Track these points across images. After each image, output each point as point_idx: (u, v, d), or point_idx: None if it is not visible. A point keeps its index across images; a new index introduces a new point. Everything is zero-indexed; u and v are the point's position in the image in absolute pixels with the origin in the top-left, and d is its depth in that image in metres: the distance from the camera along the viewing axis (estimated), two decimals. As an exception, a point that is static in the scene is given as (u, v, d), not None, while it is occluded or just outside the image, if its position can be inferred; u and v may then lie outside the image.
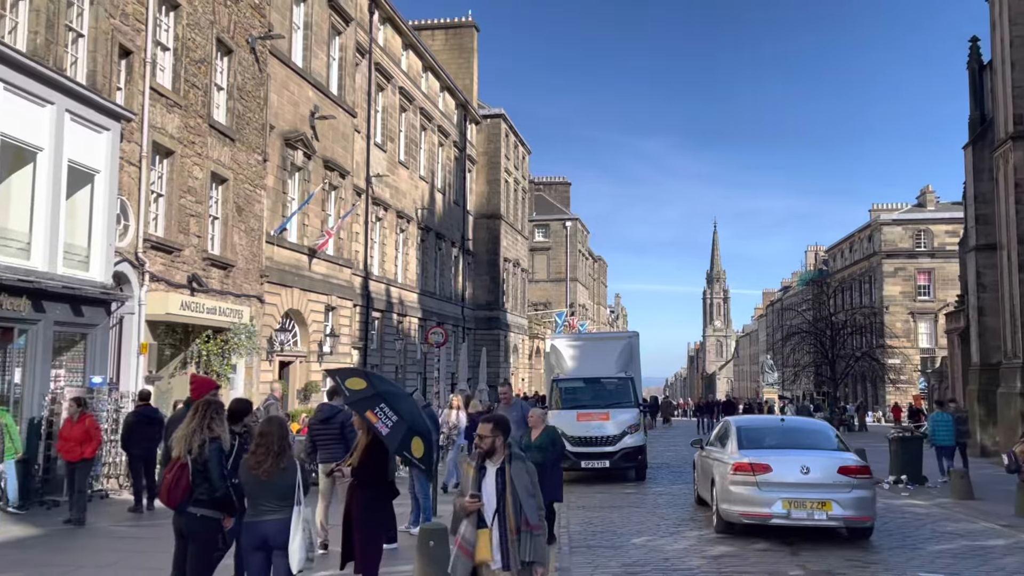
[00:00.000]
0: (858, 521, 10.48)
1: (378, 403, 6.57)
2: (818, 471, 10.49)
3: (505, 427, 5.39)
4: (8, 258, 12.48)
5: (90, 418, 11.95)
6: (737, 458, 10.92)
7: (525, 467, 5.32)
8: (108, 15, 15.10)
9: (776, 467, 10.56)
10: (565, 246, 67.25)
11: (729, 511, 10.81)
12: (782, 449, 11.18)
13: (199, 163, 18.23)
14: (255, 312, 20.34)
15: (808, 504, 10.34)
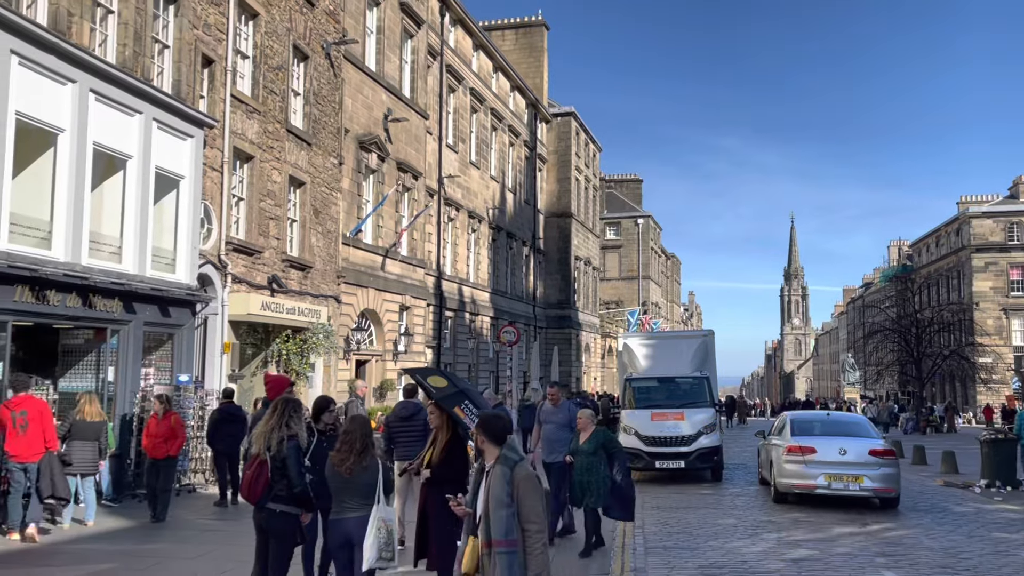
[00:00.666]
0: (884, 492, 13.15)
1: (463, 399, 6.73)
2: (853, 453, 13.18)
3: (489, 428, 4.79)
4: (102, 262, 13.07)
5: (175, 416, 12.05)
6: (790, 442, 13.72)
7: (513, 474, 4.62)
8: (191, 26, 15.65)
9: (820, 449, 13.30)
10: (637, 244, 66.59)
11: (783, 483, 13.64)
12: (825, 436, 13.95)
13: (278, 167, 18.74)
14: (332, 312, 20.79)
15: (844, 478, 13.03)
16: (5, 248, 11.07)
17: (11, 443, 10.01)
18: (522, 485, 4.57)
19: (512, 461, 4.66)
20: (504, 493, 4.54)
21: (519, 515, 4.53)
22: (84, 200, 12.63)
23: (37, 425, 10.06)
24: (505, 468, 4.64)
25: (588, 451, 9.76)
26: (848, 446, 13.32)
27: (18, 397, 10.10)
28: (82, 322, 13.00)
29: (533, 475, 4.63)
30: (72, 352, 13.74)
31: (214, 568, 8.93)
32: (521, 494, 4.55)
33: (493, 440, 4.75)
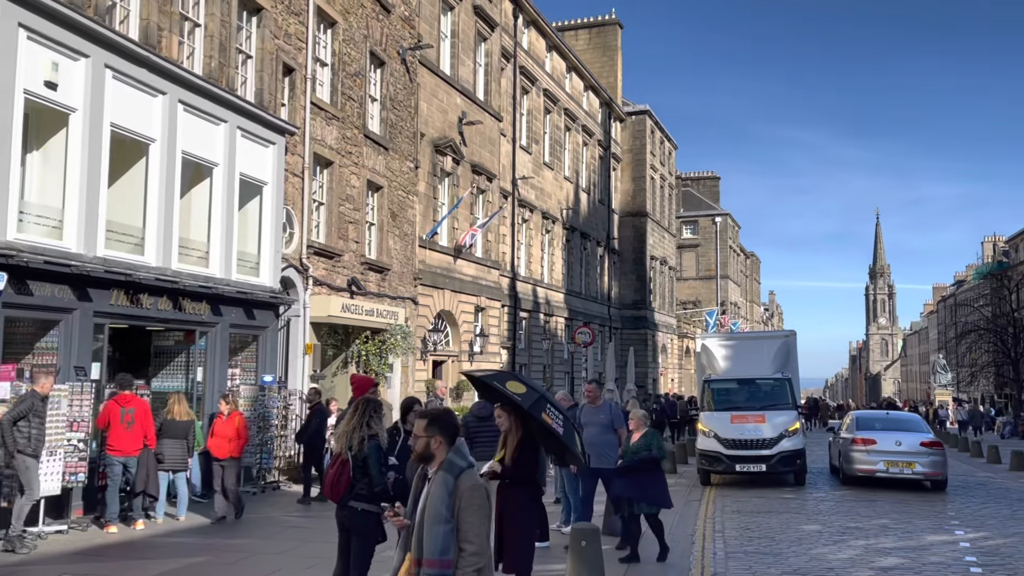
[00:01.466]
0: (933, 476, 15.85)
1: (546, 405, 6.73)
2: (907, 443, 16.01)
3: (445, 425, 4.21)
4: (190, 266, 13.57)
5: (240, 416, 11.94)
6: (855, 435, 16.56)
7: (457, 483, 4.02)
8: (273, 36, 16.11)
9: (879, 441, 16.16)
10: (715, 242, 65.42)
11: (849, 469, 16.45)
12: (884, 431, 16.65)
13: (356, 172, 19.12)
14: (409, 313, 21.10)
15: (900, 464, 15.83)
16: (102, 254, 11.60)
17: (115, 438, 10.53)
18: (465, 497, 3.97)
19: (458, 468, 4.03)
20: (443, 505, 3.95)
21: (457, 532, 3.95)
22: (174, 207, 13.14)
23: (140, 423, 10.61)
24: (448, 476, 4.02)
25: (636, 452, 9.51)
26: (903, 438, 16.18)
27: (126, 395, 10.63)
28: (172, 324, 13.53)
29: (480, 487, 4.02)
30: (163, 353, 14.31)
31: (298, 564, 9.16)
32: (463, 507, 3.95)
33: (449, 440, 4.16)
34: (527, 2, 31.08)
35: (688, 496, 15.15)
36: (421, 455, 4.20)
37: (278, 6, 16.31)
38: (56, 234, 11.15)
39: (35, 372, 10.05)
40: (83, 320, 11.26)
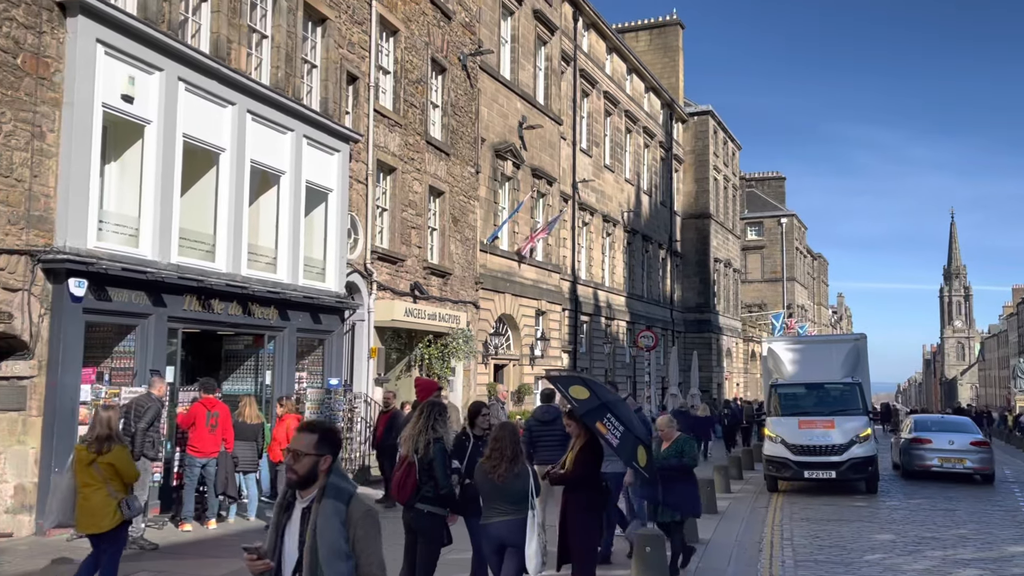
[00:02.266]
0: (982, 470, 18.07)
1: (605, 413, 6.67)
2: (959, 442, 18.20)
3: (335, 443, 3.60)
4: (259, 272, 13.91)
5: (291, 419, 11.74)
6: (913, 436, 18.98)
7: (349, 511, 3.45)
8: (337, 45, 16.42)
9: (934, 440, 18.46)
10: (780, 244, 64.10)
11: (909, 465, 18.56)
12: (939, 432, 18.92)
13: (418, 178, 19.34)
14: (471, 317, 21.22)
15: (952, 460, 18.00)
16: (175, 261, 11.98)
17: (198, 439, 10.85)
18: (361, 525, 3.45)
19: (347, 493, 3.48)
20: (341, 538, 3.39)
21: (358, 568, 3.44)
22: (243, 214, 13.49)
23: (222, 426, 10.98)
24: (337, 503, 3.43)
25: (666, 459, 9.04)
26: (955, 438, 18.41)
27: (211, 398, 10.96)
28: (242, 328, 13.88)
29: (374, 512, 3.53)
30: (233, 357, 14.69)
31: (364, 564, 9.26)
32: (360, 537, 3.43)
33: (334, 460, 3.55)
34: (587, 5, 31.01)
35: (754, 503, 14.86)
36: (304, 478, 3.48)
37: (342, 16, 16.62)
38: (132, 242, 11.55)
39: (151, 377, 10.51)
40: (158, 325, 11.65)
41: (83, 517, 6.84)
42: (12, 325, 9.85)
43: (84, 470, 6.83)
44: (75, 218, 10.44)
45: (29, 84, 10.13)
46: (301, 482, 3.51)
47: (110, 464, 6.84)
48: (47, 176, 10.35)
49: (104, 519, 6.77)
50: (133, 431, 9.62)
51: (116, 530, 6.85)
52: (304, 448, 3.50)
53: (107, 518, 6.77)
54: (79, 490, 6.83)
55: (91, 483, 6.80)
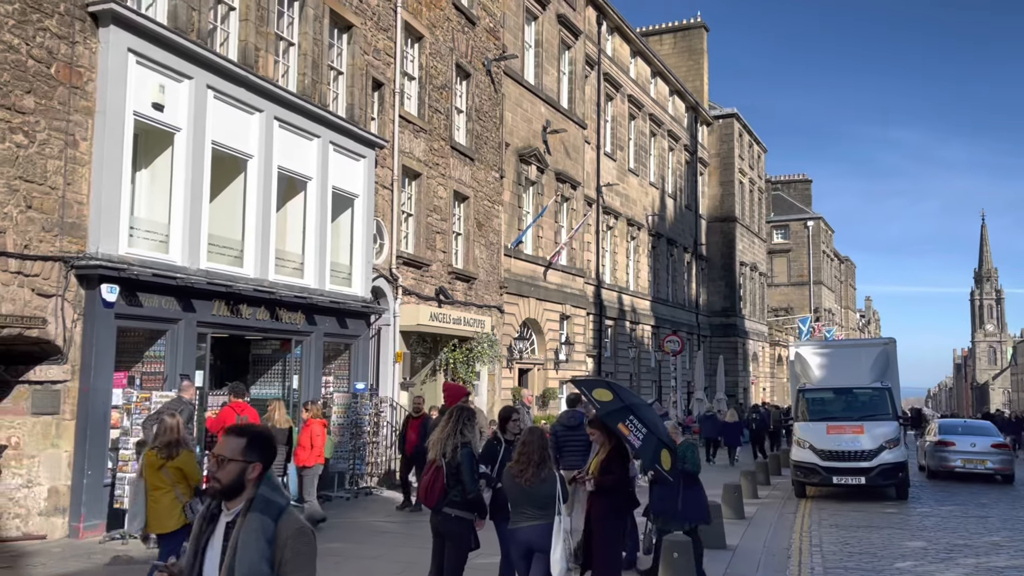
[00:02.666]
0: (1002, 470, 19.07)
1: (628, 415, 6.66)
2: (980, 445, 19.30)
3: (268, 450, 3.17)
4: (286, 277, 14.04)
5: (315, 424, 11.87)
6: (938, 439, 20.12)
7: (277, 528, 3.02)
8: (363, 52, 16.55)
9: (957, 443, 19.55)
10: (807, 247, 63.51)
11: (934, 465, 19.68)
12: (962, 435, 20.14)
13: (443, 183, 19.42)
14: (495, 322, 21.25)
15: (974, 461, 19.09)
16: (205, 267, 12.13)
17: None
18: (291, 545, 3.01)
19: (277, 507, 3.06)
20: (263, 559, 2.95)
21: None
22: (271, 220, 13.63)
23: None
24: (265, 518, 3.01)
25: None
26: (977, 441, 19.52)
27: (240, 403, 11.08)
28: (270, 333, 14.02)
29: (308, 530, 3.11)
30: (261, 361, 14.83)
31: (392, 569, 9.32)
32: (289, 559, 2.99)
33: (266, 468, 3.14)
34: (611, 9, 30.98)
35: (783, 508, 14.72)
36: (227, 487, 3.07)
37: (367, 23, 16.75)
38: (162, 248, 11.71)
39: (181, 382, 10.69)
40: (187, 330, 11.80)
41: (152, 518, 7.21)
42: (46, 330, 10.02)
43: (154, 474, 7.16)
44: (107, 225, 10.61)
45: (62, 93, 10.32)
46: (224, 491, 3.10)
47: (178, 468, 7.15)
48: (80, 184, 10.53)
49: (170, 520, 7.10)
50: None
51: (179, 531, 7.12)
52: (230, 453, 3.10)
53: (173, 519, 7.10)
54: (149, 493, 7.19)
55: (160, 486, 7.13)
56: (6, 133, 9.64)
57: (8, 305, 9.58)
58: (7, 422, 10.33)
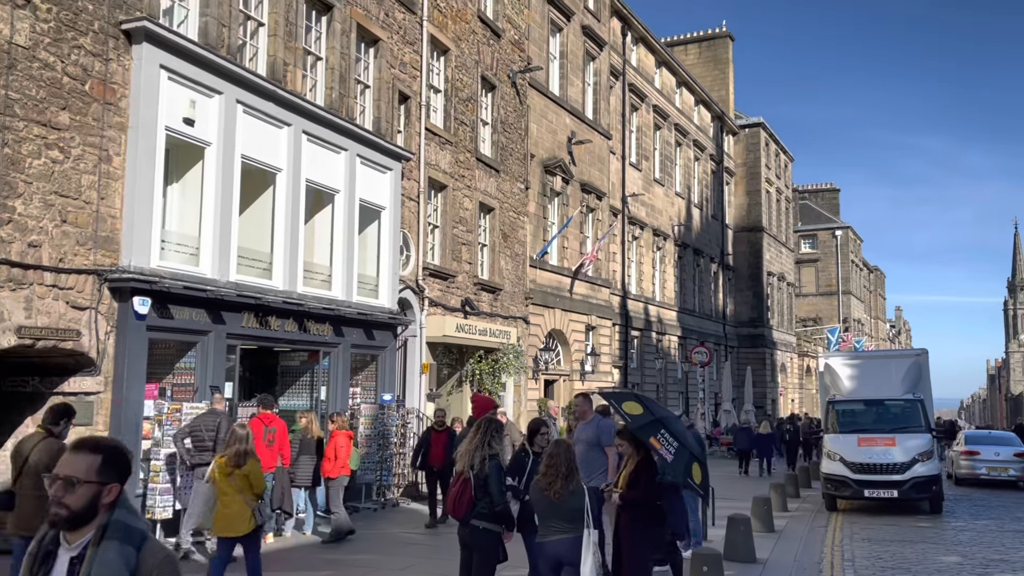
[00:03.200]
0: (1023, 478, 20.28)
1: (659, 429, 6.63)
2: (1004, 454, 20.68)
3: (123, 468, 2.68)
4: (315, 289, 14.15)
5: (340, 435, 11.85)
6: (963, 448, 21.51)
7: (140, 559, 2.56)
8: (389, 66, 16.69)
9: (981, 452, 20.90)
10: (835, 257, 62.86)
11: (960, 474, 21.05)
12: (987, 445, 21.45)
13: (469, 195, 19.49)
14: (521, 333, 21.24)
15: (997, 469, 20.41)
16: (234, 279, 12.26)
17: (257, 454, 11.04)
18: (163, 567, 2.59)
19: (139, 534, 2.61)
20: None
21: None
22: (299, 233, 13.76)
23: (279, 441, 11.15)
24: (126, 547, 2.55)
25: None
26: (1000, 450, 20.84)
27: (268, 414, 11.18)
28: (298, 345, 14.12)
29: (173, 558, 2.69)
30: (289, 373, 14.94)
31: (419, 580, 9.31)
32: None
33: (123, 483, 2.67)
34: (635, 20, 31.00)
35: (813, 522, 14.53)
36: (76, 515, 2.56)
37: (394, 37, 16.90)
38: (193, 261, 11.86)
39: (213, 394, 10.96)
40: (217, 342, 11.92)
41: (222, 523, 7.60)
42: (80, 342, 10.18)
43: (223, 480, 7.57)
44: (139, 238, 10.77)
45: (96, 109, 10.52)
46: (72, 519, 2.56)
47: (245, 476, 7.55)
48: (113, 198, 10.70)
49: (241, 525, 7.53)
50: (211, 447, 9.92)
51: (253, 533, 7.65)
52: (83, 473, 2.56)
53: (243, 524, 7.53)
54: (218, 498, 7.62)
55: (229, 492, 7.54)
56: (42, 149, 9.84)
57: (43, 318, 9.76)
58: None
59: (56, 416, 7.00)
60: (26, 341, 9.54)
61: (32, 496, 6.50)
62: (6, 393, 10.55)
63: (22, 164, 9.59)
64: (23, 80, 9.62)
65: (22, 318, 9.50)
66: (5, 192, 9.39)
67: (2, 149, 9.36)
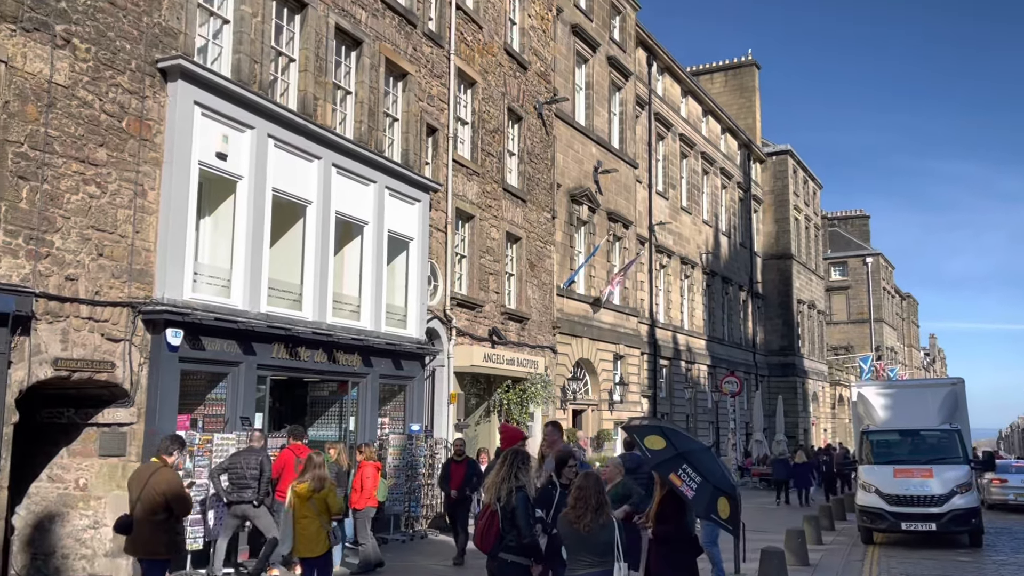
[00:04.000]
0: None
1: (680, 464, 6.51)
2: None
3: None
4: (344, 320, 14.25)
5: (368, 466, 11.86)
6: (994, 476, 23.19)
7: None
8: (417, 99, 16.92)
9: (1010, 480, 23.21)
10: (866, 284, 62.07)
11: (990, 499, 22.58)
12: (1016, 472, 23.65)
13: (495, 225, 19.59)
14: (548, 362, 21.18)
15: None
16: (265, 310, 12.39)
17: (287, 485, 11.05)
18: None
19: None
20: None
21: None
22: (328, 264, 13.90)
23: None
24: None
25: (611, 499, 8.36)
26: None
27: (299, 445, 11.23)
28: (327, 376, 14.20)
29: None
30: (318, 403, 15.01)
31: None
32: None
33: None
34: (661, 49, 31.17)
35: (848, 555, 14.22)
36: None
37: (421, 70, 17.14)
38: (225, 292, 12.01)
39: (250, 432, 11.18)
40: (248, 373, 12.03)
41: (301, 544, 8.06)
42: (114, 374, 10.33)
43: (303, 505, 8.00)
44: (172, 271, 10.95)
45: (133, 145, 10.76)
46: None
47: (323, 500, 8.04)
48: (148, 231, 10.91)
49: (318, 545, 8.03)
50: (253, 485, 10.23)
51: (327, 554, 8.19)
52: None
53: (320, 544, 8.04)
54: (297, 521, 8.04)
55: (308, 515, 8.00)
56: (80, 185, 10.08)
57: (79, 350, 9.92)
58: (76, 464, 10.63)
59: (170, 446, 7.85)
60: (62, 373, 9.70)
61: (148, 521, 7.34)
62: (42, 424, 10.72)
63: (61, 199, 9.83)
64: (62, 118, 9.90)
65: (58, 350, 9.68)
66: (44, 227, 9.62)
67: (42, 185, 9.61)
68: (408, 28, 16.74)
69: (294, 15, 13.97)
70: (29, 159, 9.50)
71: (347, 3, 14.95)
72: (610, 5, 26.48)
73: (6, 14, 9.28)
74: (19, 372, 9.21)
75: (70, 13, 10.00)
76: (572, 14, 24.03)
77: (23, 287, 9.23)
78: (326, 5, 14.36)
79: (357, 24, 15.18)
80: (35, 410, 10.36)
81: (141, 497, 7.43)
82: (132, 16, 10.80)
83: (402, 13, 16.47)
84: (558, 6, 23.15)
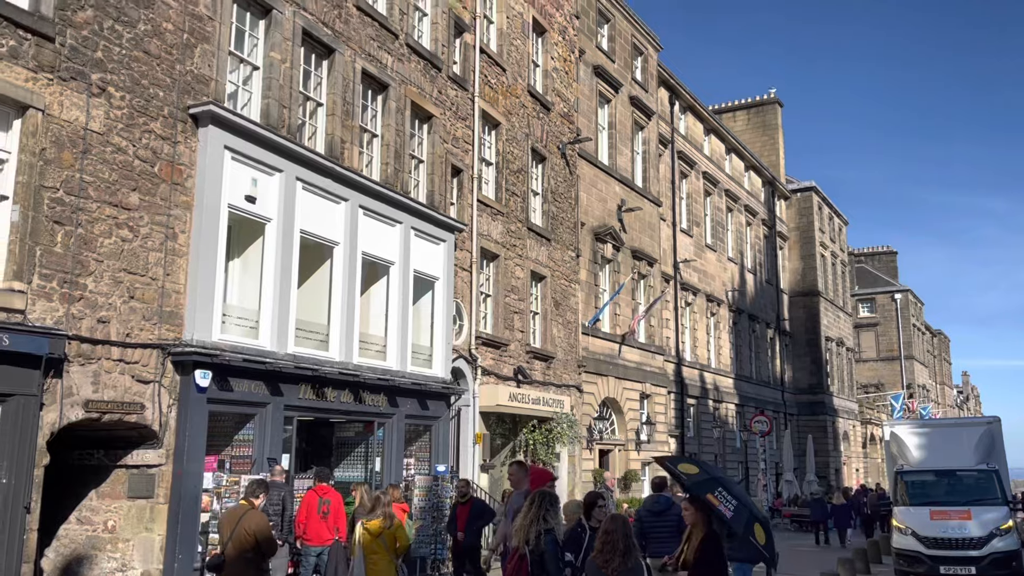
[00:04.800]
0: None
1: (716, 487, 6.47)
2: None
3: None
4: (369, 360, 14.29)
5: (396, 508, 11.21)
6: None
7: None
8: (442, 141, 17.13)
9: None
10: (895, 321, 61.25)
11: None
12: None
13: (520, 264, 19.65)
14: (574, 401, 21.04)
15: None
16: (292, 351, 12.47)
17: (312, 527, 11.04)
18: None
19: None
20: None
21: None
22: (355, 304, 13.98)
23: (334, 514, 11.12)
24: None
25: None
26: None
27: (324, 487, 11.21)
28: (353, 416, 14.20)
29: None
30: (345, 444, 14.99)
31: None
32: None
33: None
34: (683, 89, 31.38)
35: (886, 601, 13.82)
36: None
37: (446, 113, 17.38)
38: (253, 334, 12.11)
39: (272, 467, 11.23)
40: (275, 413, 12.07)
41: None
42: (144, 415, 10.41)
43: (372, 540, 8.16)
44: (202, 313, 11.07)
45: (164, 190, 10.98)
46: None
47: (393, 535, 8.22)
48: (178, 274, 11.07)
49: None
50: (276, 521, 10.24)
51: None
52: None
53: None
54: (367, 557, 8.17)
55: (377, 551, 8.14)
56: (113, 228, 10.27)
57: (110, 392, 10.02)
58: (105, 506, 10.68)
59: (256, 489, 8.21)
60: (93, 415, 9.79)
61: (239, 559, 7.68)
62: (73, 466, 10.80)
63: (94, 243, 10.02)
64: (97, 164, 10.13)
65: (90, 392, 9.78)
66: (78, 270, 9.79)
67: (76, 230, 9.80)
68: (433, 72, 17.02)
69: (322, 60, 14.26)
70: (64, 204, 9.71)
71: (373, 48, 15.25)
72: (632, 46, 26.77)
73: (44, 64, 9.57)
74: (51, 414, 9.31)
75: (106, 63, 10.29)
76: (594, 55, 24.31)
77: (56, 330, 9.37)
78: (353, 51, 14.66)
79: (383, 69, 15.46)
80: (65, 452, 10.44)
81: (232, 537, 7.74)
82: (166, 64, 11.09)
83: (427, 57, 16.76)
84: (580, 48, 23.44)
